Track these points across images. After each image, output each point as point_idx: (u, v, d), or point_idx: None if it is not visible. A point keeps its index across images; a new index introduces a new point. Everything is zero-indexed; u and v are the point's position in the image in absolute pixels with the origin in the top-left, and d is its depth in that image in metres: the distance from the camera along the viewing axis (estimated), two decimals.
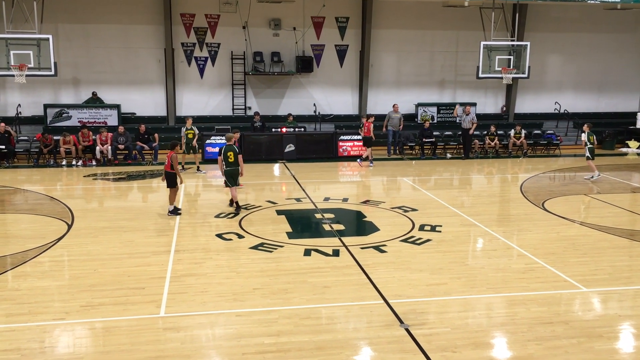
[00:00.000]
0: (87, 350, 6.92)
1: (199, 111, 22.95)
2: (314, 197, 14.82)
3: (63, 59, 20.59)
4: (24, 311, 7.86)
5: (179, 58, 22.56)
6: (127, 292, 8.50)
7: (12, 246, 10.84)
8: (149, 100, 22.66)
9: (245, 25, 22.41)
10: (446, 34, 24.23)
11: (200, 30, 22.50)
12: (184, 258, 10.03)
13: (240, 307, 7.99)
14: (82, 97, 22.06)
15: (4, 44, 17.34)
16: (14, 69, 17.34)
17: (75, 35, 21.46)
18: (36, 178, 17.14)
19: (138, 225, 12.05)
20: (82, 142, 19.35)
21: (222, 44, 22.72)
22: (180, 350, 6.81)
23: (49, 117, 21.25)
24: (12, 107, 21.20)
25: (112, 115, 21.74)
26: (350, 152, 21.08)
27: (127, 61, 22.19)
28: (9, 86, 21.27)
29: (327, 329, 7.45)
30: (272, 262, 9.87)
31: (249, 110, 23.20)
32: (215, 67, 22.89)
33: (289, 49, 23.03)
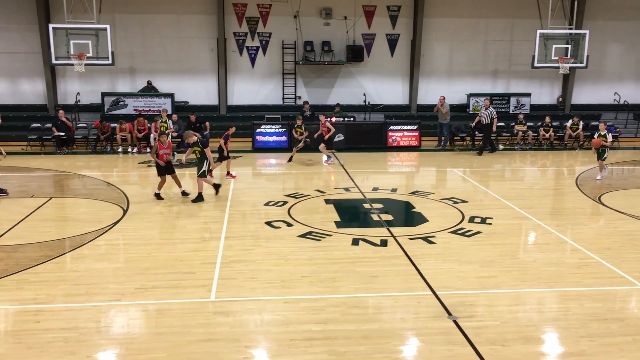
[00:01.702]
0: (140, 331, 7.14)
1: (249, 100, 23.20)
2: (363, 187, 14.79)
3: (120, 49, 21.14)
4: (82, 292, 8.17)
5: (230, 47, 22.83)
6: (179, 276, 8.71)
7: (70, 229, 11.25)
8: (202, 89, 23.04)
9: (296, 14, 22.47)
10: (500, 22, 23.67)
11: (252, 20, 22.69)
12: (233, 244, 10.20)
13: (289, 294, 8.08)
14: (137, 86, 22.62)
15: (64, 34, 17.93)
16: (74, 58, 17.91)
17: (131, 25, 21.99)
18: (94, 164, 17.71)
19: (190, 211, 12.32)
20: (138, 129, 19.86)
21: (273, 33, 22.86)
22: (230, 334, 6.94)
23: (106, 105, 21.89)
24: (72, 95, 21.94)
25: (166, 104, 22.21)
26: (399, 142, 20.91)
27: (181, 51, 22.60)
28: (69, 75, 22.00)
29: (374, 318, 7.46)
30: (320, 251, 9.92)
31: (298, 99, 23.29)
32: (266, 56, 23.06)
33: (339, 38, 22.98)
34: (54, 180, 15.68)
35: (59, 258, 9.57)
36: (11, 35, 21.59)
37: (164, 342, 6.76)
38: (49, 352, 6.50)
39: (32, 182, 15.08)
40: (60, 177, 15.94)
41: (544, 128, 21.56)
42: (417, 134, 20.98)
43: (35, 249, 9.92)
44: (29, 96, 22.27)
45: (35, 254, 9.65)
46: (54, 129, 19.43)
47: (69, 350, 6.54)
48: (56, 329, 7.03)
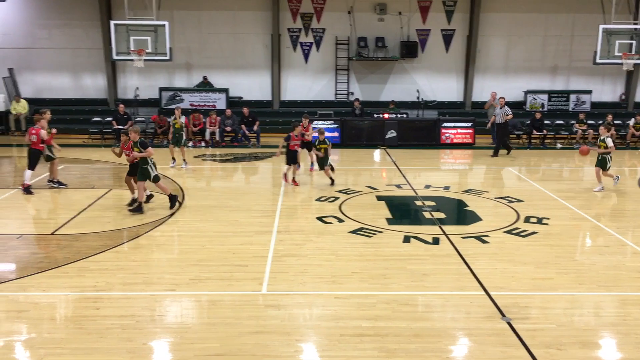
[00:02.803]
0: (194, 321, 7.31)
1: (302, 96, 23.32)
2: (415, 184, 14.66)
3: (177, 45, 21.59)
4: (139, 281, 8.42)
5: (284, 43, 22.99)
6: (232, 269, 8.86)
7: (128, 220, 11.59)
8: (255, 84, 23.30)
9: (350, 10, 22.42)
10: (561, 17, 22.97)
11: (306, 15, 22.78)
12: (285, 239, 10.30)
13: (339, 290, 8.10)
14: (193, 81, 23.09)
15: (125, 30, 18.46)
16: (133, 53, 18.42)
17: (188, 22, 22.44)
18: None
19: (243, 205, 12.49)
20: (193, 124, 20.27)
21: (327, 29, 22.88)
22: (281, 327, 7.02)
23: (163, 99, 22.43)
24: (131, 90, 22.58)
25: (221, 99, 22.59)
26: (453, 139, 20.61)
27: (236, 46, 22.91)
28: (129, 70, 22.65)
29: (425, 316, 7.39)
30: (371, 247, 9.90)
31: (351, 95, 23.25)
32: (320, 52, 23.11)
33: (393, 34, 22.80)
34: (113, 172, 16.18)
35: (118, 247, 9.88)
36: (75, 32, 22.39)
37: (217, 332, 6.90)
38: (107, 338, 6.73)
39: (93, 174, 15.61)
40: (119, 169, 16.42)
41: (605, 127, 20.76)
42: (472, 131, 20.63)
43: (95, 238, 10.27)
44: (90, 90, 23.06)
45: (95, 243, 10.00)
46: (114, 122, 20.05)
47: (126, 337, 6.75)
48: (114, 316, 7.27)
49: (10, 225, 11.02)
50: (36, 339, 6.79)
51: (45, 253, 9.61)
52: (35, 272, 8.66)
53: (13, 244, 10.02)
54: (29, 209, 12.56)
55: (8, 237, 10.32)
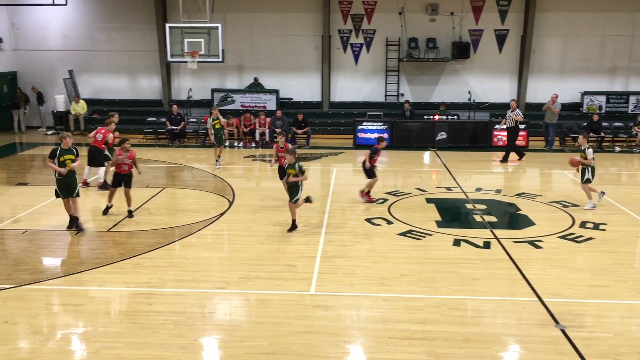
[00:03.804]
0: (243, 319, 7.41)
1: (352, 97, 23.29)
2: (465, 186, 14.44)
3: (229, 47, 21.92)
4: (190, 278, 8.60)
5: (335, 45, 23.02)
6: (281, 269, 8.94)
7: (180, 218, 11.85)
8: (305, 86, 23.41)
9: (401, 11, 22.27)
10: (620, 16, 22.17)
11: (356, 17, 22.74)
12: (333, 240, 10.31)
13: (387, 292, 8.07)
14: (244, 83, 23.39)
15: (179, 33, 18.84)
16: (187, 55, 18.79)
17: (240, 24, 22.75)
18: (202, 157, 18.51)
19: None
20: (244, 124, 20.53)
21: (378, 30, 22.78)
22: (329, 328, 7.04)
23: (215, 100, 22.81)
24: (184, 91, 23.04)
25: (271, 100, 22.79)
26: (506, 141, 20.15)
27: (286, 48, 23.08)
28: (182, 72, 23.13)
29: (475, 321, 7.28)
30: (420, 250, 9.81)
31: (401, 97, 23.09)
32: (370, 53, 23.03)
33: (445, 35, 22.51)
34: (166, 172, 16.56)
35: (170, 245, 10.12)
36: (132, 34, 23.03)
37: (265, 331, 6.97)
38: (160, 333, 6.90)
39: (147, 173, 15.97)
40: (172, 169, 16.81)
41: None
42: (525, 133, 20.14)
43: (149, 235, 10.55)
44: (146, 91, 23.66)
45: (149, 240, 10.26)
46: (168, 122, 20.52)
47: (177, 333, 6.91)
48: (167, 312, 7.45)
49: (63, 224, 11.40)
50: (92, 332, 7.03)
51: (102, 249, 9.93)
52: (92, 267, 8.97)
53: (71, 239, 10.39)
54: (87, 206, 12.98)
55: (66, 233, 10.70)
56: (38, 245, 10.13)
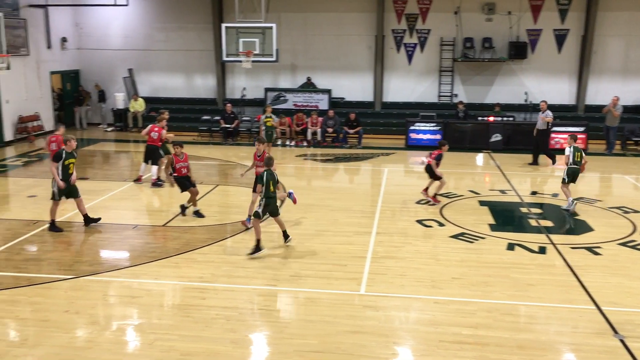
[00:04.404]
0: (293, 317, 7.47)
1: (404, 97, 23.11)
2: (520, 190, 14.12)
3: (283, 46, 22.11)
4: (242, 274, 8.72)
5: (388, 45, 22.89)
6: (331, 268, 8.96)
7: (232, 215, 12.03)
8: (358, 85, 23.38)
9: (457, 10, 21.94)
10: None
11: (411, 16, 22.56)
12: (384, 240, 10.27)
13: (438, 295, 7.98)
14: (297, 82, 23.55)
15: (235, 33, 19.15)
16: (242, 55, 19.07)
17: (295, 24, 22.91)
18: None
19: (343, 205, 12.58)
20: (296, 124, 20.68)
21: (432, 30, 22.52)
22: (378, 329, 7.02)
23: (268, 99, 23.06)
24: (238, 90, 23.39)
25: (323, 100, 22.87)
26: (563, 144, 19.57)
27: (339, 48, 23.10)
28: (237, 71, 23.49)
29: (529, 328, 7.11)
30: (473, 253, 9.66)
31: (455, 97, 22.76)
32: (424, 53, 22.80)
33: (501, 34, 22.05)
34: (220, 169, 16.85)
35: (223, 241, 10.29)
36: (188, 34, 23.53)
37: (315, 329, 7.01)
38: (213, 327, 7.03)
39: (201, 170, 16.31)
40: (225, 167, 17.09)
41: None
42: (584, 136, 19.53)
43: (203, 231, 10.76)
44: (201, 90, 24.14)
45: (202, 236, 10.47)
46: (222, 121, 20.87)
47: (229, 328, 7.02)
48: (219, 307, 7.59)
49: (127, 216, 11.77)
50: (147, 324, 7.22)
51: (158, 243, 10.18)
52: (148, 260, 9.22)
53: (129, 233, 10.72)
54: (143, 201, 13.36)
55: (124, 227, 11.05)
56: (97, 238, 10.49)
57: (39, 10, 21.36)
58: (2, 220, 11.07)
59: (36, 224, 10.89)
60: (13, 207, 12.41)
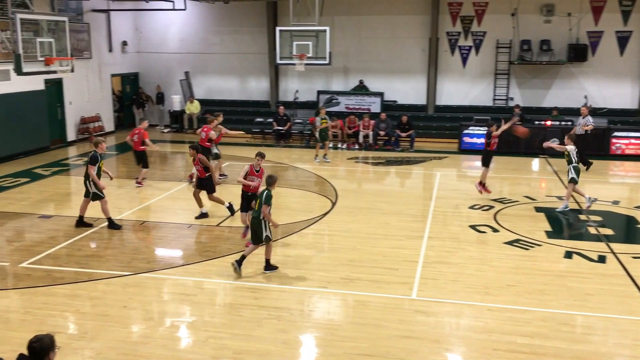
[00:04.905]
0: (343, 319, 7.48)
1: (458, 101, 22.79)
2: (578, 196, 13.68)
3: (336, 49, 22.15)
4: (293, 276, 8.79)
5: (442, 47, 22.63)
6: (382, 271, 8.92)
7: (283, 217, 12.12)
8: (410, 88, 23.20)
9: (514, 12, 21.48)
10: None
11: (466, 18, 22.23)
12: (436, 245, 10.15)
13: (492, 302, 7.83)
14: (350, 85, 23.56)
15: (289, 36, 19.32)
16: (295, 58, 19.23)
17: (348, 27, 22.94)
18: (307, 157, 18.84)
19: (394, 209, 12.50)
20: (348, 126, 20.68)
21: (488, 32, 22.13)
22: (430, 334, 6.94)
23: (320, 102, 23.16)
24: (291, 92, 23.59)
25: (376, 103, 22.80)
26: (625, 150, 18.92)
27: (393, 50, 22.98)
28: (290, 74, 23.69)
29: (587, 339, 6.89)
30: (528, 261, 9.43)
31: (510, 101, 22.29)
32: (479, 56, 22.42)
33: (560, 37, 21.45)
34: (271, 171, 16.99)
35: (273, 243, 10.35)
36: (243, 38, 23.90)
37: (366, 333, 6.99)
38: (264, 327, 7.12)
39: None
40: (277, 168, 17.25)
41: None
42: None
43: None
44: (254, 93, 24.47)
45: None
46: (274, 123, 21.10)
47: (280, 328, 7.09)
48: (270, 307, 7.67)
49: (181, 216, 12.04)
50: (200, 321, 7.37)
51: (211, 243, 10.37)
52: (201, 259, 9.40)
53: (183, 232, 10.96)
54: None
55: (179, 226, 11.31)
56: (154, 236, 10.78)
57: (102, 15, 22.13)
58: (65, 217, 11.51)
59: (96, 221, 11.27)
60: (75, 204, 12.86)
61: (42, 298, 7.95)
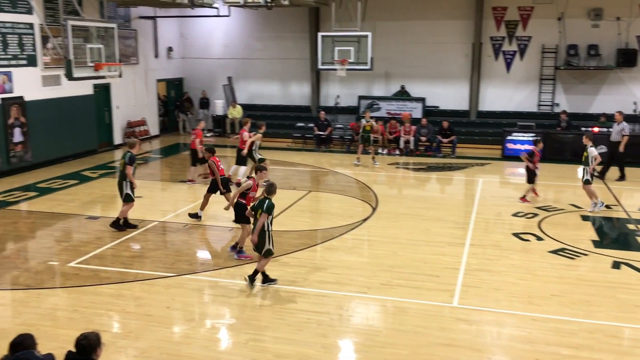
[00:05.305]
0: (383, 325, 7.44)
1: (502, 106, 22.44)
2: (628, 205, 13.30)
3: (378, 54, 22.10)
4: (333, 280, 8.79)
5: (485, 52, 22.33)
6: (423, 278, 8.85)
7: (323, 222, 12.18)
8: (452, 94, 22.96)
9: (560, 16, 21.06)
10: None
11: (511, 23, 21.90)
12: (478, 252, 10.01)
13: (536, 312, 7.67)
14: (391, 90, 23.48)
15: (331, 42, 19.39)
16: (337, 63, 19.28)
17: (390, 32, 22.87)
18: (347, 163, 18.83)
19: (435, 215, 12.39)
20: (389, 132, 20.60)
21: (533, 37, 21.74)
22: (471, 343, 6.84)
23: (361, 107, 23.14)
24: (332, 97, 23.66)
25: (417, 108, 22.64)
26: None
27: (435, 56, 22.80)
28: (331, 79, 23.77)
29: (636, 352, 6.70)
30: (574, 270, 9.21)
31: (556, 107, 21.82)
32: (524, 61, 22.04)
33: (608, 41, 20.91)
34: (312, 175, 17.09)
35: (314, 247, 10.43)
36: (286, 43, 24.10)
37: (406, 339, 6.94)
38: (304, 331, 7.14)
39: (294, 176, 16.63)
40: (318, 173, 17.31)
41: None
42: None
43: (295, 236, 10.95)
44: (296, 98, 24.63)
45: (295, 240, 10.66)
46: (315, 128, 21.19)
47: (321, 333, 7.10)
48: (310, 311, 7.69)
49: (223, 219, 12.18)
50: (241, 323, 7.45)
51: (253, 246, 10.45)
52: (243, 263, 9.49)
53: (226, 235, 11.10)
54: None
55: (221, 229, 11.45)
56: (196, 239, 10.95)
57: (148, 21, 22.66)
58: (111, 219, 11.78)
59: (141, 223, 11.52)
60: (120, 206, 13.20)
61: (89, 297, 8.16)
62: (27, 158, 16.52)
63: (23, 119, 16.30)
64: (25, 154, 16.45)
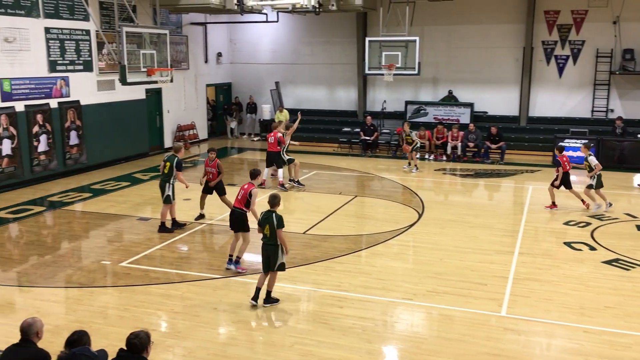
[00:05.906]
0: (429, 333, 7.36)
1: (553, 112, 21.91)
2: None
3: (425, 59, 21.95)
4: (378, 286, 8.75)
5: (537, 57, 21.85)
6: (470, 286, 8.71)
7: (368, 227, 12.13)
8: (502, 99, 22.55)
9: (616, 20, 20.44)
10: None
11: (563, 27, 21.37)
12: (527, 261, 9.80)
13: (588, 324, 7.44)
14: (438, 95, 23.24)
15: (378, 46, 19.37)
16: (384, 68, 19.23)
17: (438, 37, 22.67)
18: (393, 168, 18.73)
19: (483, 222, 12.18)
20: (436, 137, 20.39)
21: (587, 41, 21.16)
22: (520, 354, 6.70)
23: (408, 112, 22.98)
24: (379, 102, 23.59)
25: (465, 114, 22.33)
26: None
27: (484, 60, 22.46)
28: (378, 84, 23.71)
29: None
30: (629, 282, 8.90)
31: (611, 112, 21.16)
32: (577, 65, 21.46)
33: None
34: (358, 180, 17.06)
35: (360, 252, 10.41)
36: (333, 48, 24.18)
37: (453, 348, 6.85)
38: (349, 336, 7.13)
39: (340, 181, 16.64)
40: (364, 178, 17.28)
41: None
42: None
43: (341, 241, 10.96)
44: (342, 103, 24.66)
45: (340, 245, 10.67)
46: (362, 133, 21.16)
47: (365, 338, 7.08)
48: (355, 316, 7.68)
49: None
50: (286, 327, 7.50)
51: (298, 250, 10.52)
52: (288, 266, 9.52)
53: None
54: (285, 208, 13.87)
55: None
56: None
57: (199, 27, 23.13)
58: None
59: (188, 225, 11.73)
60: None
61: (139, 296, 8.37)
62: (82, 160, 17.10)
63: (79, 123, 16.89)
64: (80, 156, 17.03)
